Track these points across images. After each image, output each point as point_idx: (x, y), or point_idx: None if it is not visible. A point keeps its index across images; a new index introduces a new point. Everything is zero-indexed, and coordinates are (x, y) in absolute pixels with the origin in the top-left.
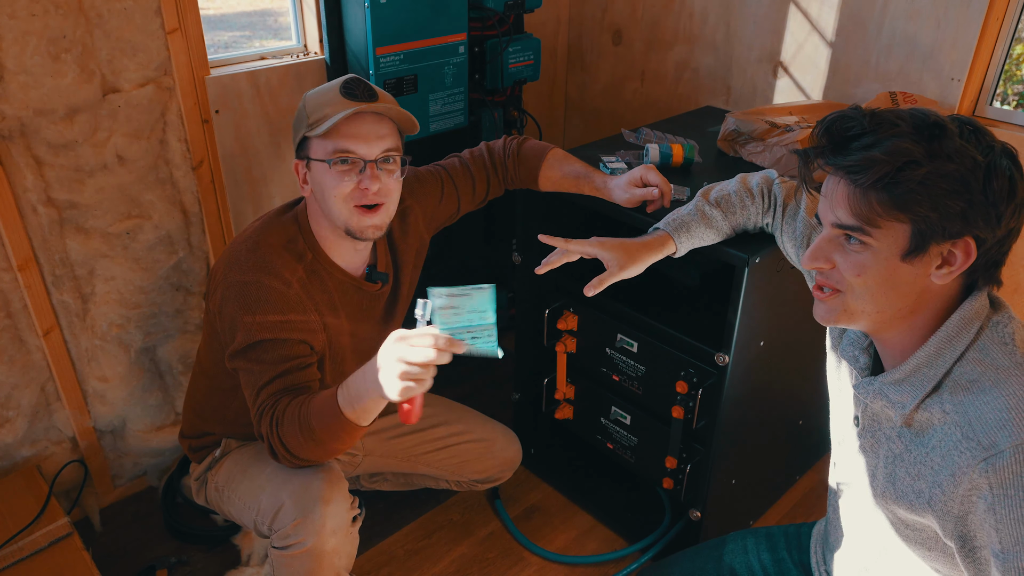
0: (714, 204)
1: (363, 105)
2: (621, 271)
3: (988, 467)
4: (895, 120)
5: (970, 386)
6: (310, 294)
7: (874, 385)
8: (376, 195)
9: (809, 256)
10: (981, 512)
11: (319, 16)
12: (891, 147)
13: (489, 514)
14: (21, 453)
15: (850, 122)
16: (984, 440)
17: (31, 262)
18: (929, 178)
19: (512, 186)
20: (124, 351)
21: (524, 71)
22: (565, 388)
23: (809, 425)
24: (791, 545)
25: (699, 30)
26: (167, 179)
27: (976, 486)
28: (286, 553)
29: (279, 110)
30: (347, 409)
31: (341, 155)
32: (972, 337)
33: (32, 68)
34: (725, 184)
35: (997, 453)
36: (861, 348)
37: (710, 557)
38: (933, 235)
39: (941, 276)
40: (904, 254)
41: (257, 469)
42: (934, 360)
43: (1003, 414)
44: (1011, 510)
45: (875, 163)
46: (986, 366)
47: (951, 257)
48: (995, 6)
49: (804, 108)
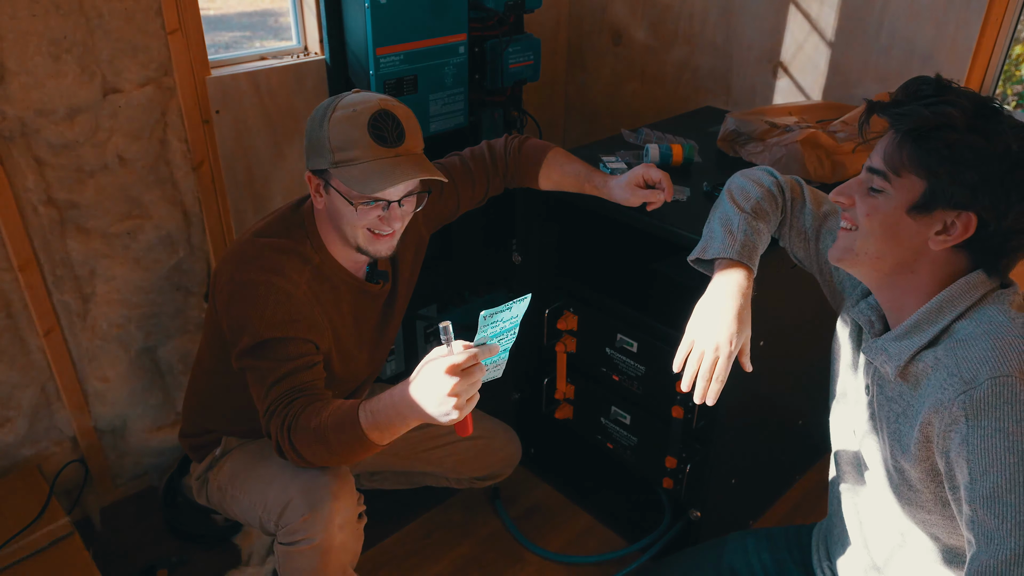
0: (755, 216)
1: (394, 154)
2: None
3: (967, 399)
4: (961, 96)
5: (965, 339)
6: (317, 295)
7: (878, 342)
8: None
9: (836, 191)
10: (956, 445)
11: (319, 16)
12: (939, 109)
13: (489, 514)
14: (22, 453)
15: (922, 85)
16: (966, 375)
17: (32, 262)
18: (957, 144)
19: (512, 185)
20: (124, 351)
21: (524, 71)
22: (565, 388)
23: (809, 425)
24: (791, 545)
25: (699, 30)
26: (167, 179)
27: (955, 419)
28: (294, 548)
29: (279, 110)
30: (372, 432)
31: (367, 200)
32: (975, 300)
33: (33, 68)
34: (746, 190)
35: (976, 385)
36: (877, 314)
37: (710, 557)
38: (941, 198)
39: (937, 242)
40: (910, 207)
41: (262, 466)
42: (935, 316)
43: (986, 352)
44: (982, 439)
45: (916, 115)
46: (982, 323)
47: (951, 226)
48: (994, 6)
49: (804, 108)
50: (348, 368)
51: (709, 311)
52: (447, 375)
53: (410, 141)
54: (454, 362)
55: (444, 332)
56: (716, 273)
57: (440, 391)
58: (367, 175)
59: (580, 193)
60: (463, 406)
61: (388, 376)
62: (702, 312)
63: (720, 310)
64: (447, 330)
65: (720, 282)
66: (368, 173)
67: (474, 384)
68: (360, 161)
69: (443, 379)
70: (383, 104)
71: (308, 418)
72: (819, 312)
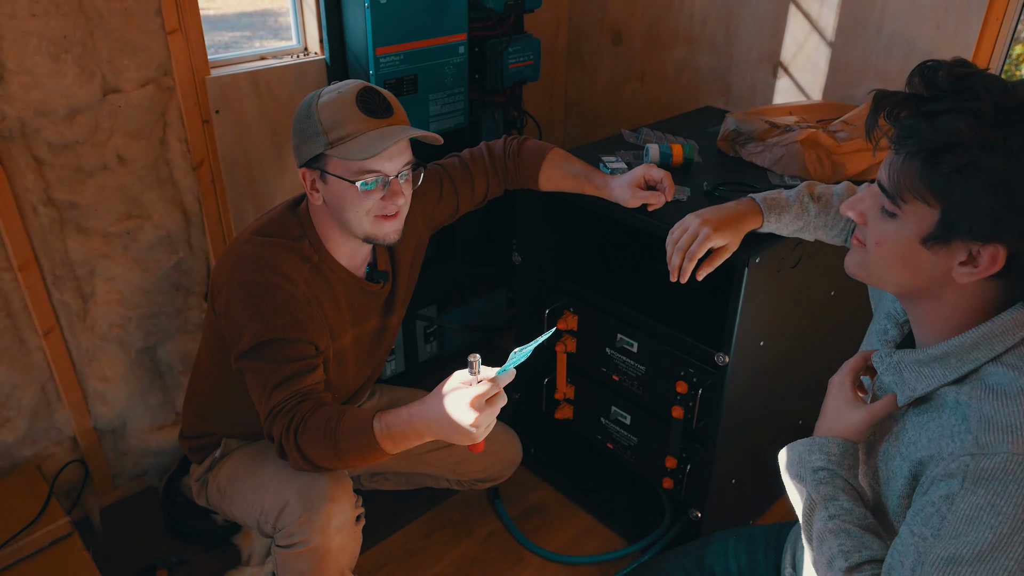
0: (815, 198)
1: (386, 123)
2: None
3: (972, 462)
4: (980, 90)
5: (995, 387)
6: (316, 295)
7: (893, 358)
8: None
9: (847, 203)
10: (938, 497)
11: (319, 16)
12: (946, 123)
13: (489, 514)
14: (22, 453)
15: (937, 76)
16: (982, 439)
17: (31, 262)
18: (969, 168)
19: (512, 186)
20: (124, 351)
21: (524, 71)
22: (565, 388)
23: (809, 425)
24: (769, 547)
25: (699, 30)
26: (167, 179)
27: (948, 474)
28: (291, 551)
29: (279, 110)
30: (384, 442)
31: (367, 176)
32: (1016, 341)
33: (33, 68)
34: (830, 185)
35: (990, 454)
36: (895, 322)
37: (693, 557)
38: (959, 230)
39: (963, 275)
40: (925, 238)
41: (260, 468)
42: (967, 352)
43: (1014, 420)
44: (969, 506)
45: (919, 134)
46: (1019, 373)
47: (976, 258)
48: (995, 6)
49: (804, 108)
50: (345, 370)
51: (712, 207)
52: (471, 408)
53: (398, 113)
54: (479, 393)
55: (472, 367)
56: (736, 200)
57: (463, 422)
58: (364, 144)
59: (580, 193)
60: (483, 433)
61: (388, 376)
62: (706, 208)
63: (720, 208)
64: (476, 364)
65: (733, 203)
66: (365, 143)
67: (495, 412)
68: (355, 135)
69: (467, 411)
70: (365, 83)
71: (317, 422)
72: (819, 312)
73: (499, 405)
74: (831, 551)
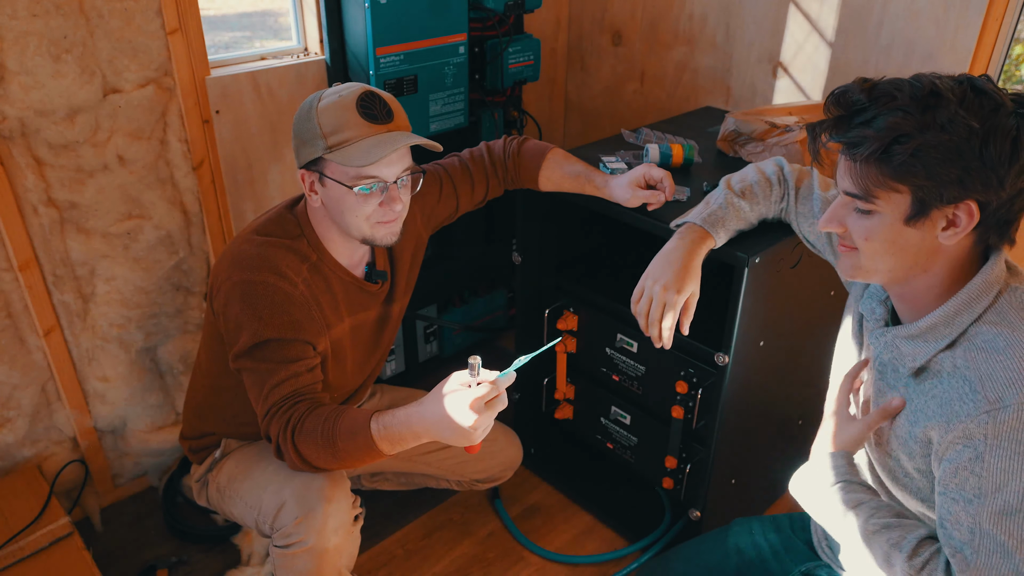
0: (740, 195)
1: (386, 129)
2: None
3: (989, 419)
4: (893, 92)
5: (984, 346)
6: (315, 295)
7: (887, 336)
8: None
9: (824, 220)
10: (967, 460)
11: (319, 16)
12: (883, 123)
13: (489, 514)
14: (22, 453)
15: (851, 96)
16: (991, 395)
17: (32, 262)
18: (921, 149)
19: (512, 186)
20: (125, 351)
21: (524, 71)
22: (565, 388)
23: (809, 425)
24: (795, 526)
25: (699, 31)
26: (167, 179)
27: (969, 435)
28: (288, 552)
29: (279, 110)
30: (382, 443)
31: (366, 182)
32: (991, 300)
33: (33, 68)
34: (744, 174)
35: (1002, 407)
36: (879, 300)
37: (715, 541)
38: (932, 201)
39: (948, 237)
40: (907, 218)
41: (259, 468)
42: (952, 320)
43: (1013, 373)
44: (1000, 459)
45: (866, 139)
46: (1002, 327)
47: (955, 219)
48: (994, 6)
49: (804, 108)
50: (343, 371)
51: (659, 261)
52: (471, 411)
53: (399, 119)
54: (478, 396)
55: (472, 369)
56: (677, 232)
57: (462, 423)
58: (363, 150)
59: (580, 193)
60: (480, 436)
61: (388, 376)
62: (654, 262)
63: (669, 261)
64: (476, 366)
65: (676, 240)
66: (364, 149)
67: (494, 415)
68: (354, 140)
69: (466, 414)
70: (367, 87)
71: (314, 422)
72: (818, 312)
73: (498, 408)
74: (883, 548)
